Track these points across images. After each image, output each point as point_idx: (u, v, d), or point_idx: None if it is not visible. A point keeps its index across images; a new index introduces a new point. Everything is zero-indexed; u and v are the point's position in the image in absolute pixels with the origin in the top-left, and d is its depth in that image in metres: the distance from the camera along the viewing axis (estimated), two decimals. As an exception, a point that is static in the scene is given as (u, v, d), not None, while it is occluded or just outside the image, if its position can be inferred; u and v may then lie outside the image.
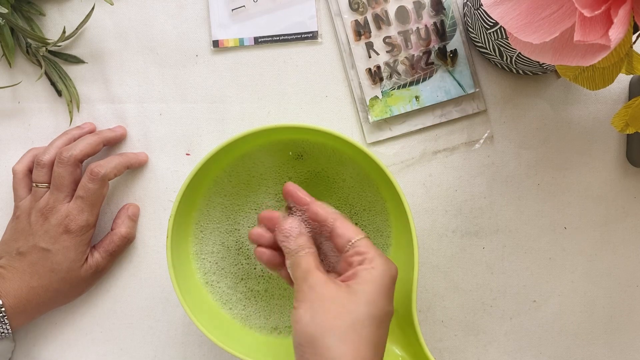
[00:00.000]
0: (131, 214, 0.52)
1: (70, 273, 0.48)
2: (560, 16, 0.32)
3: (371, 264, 0.37)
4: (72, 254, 0.48)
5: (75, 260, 0.48)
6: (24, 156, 0.51)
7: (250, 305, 0.48)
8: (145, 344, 0.53)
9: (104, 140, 0.50)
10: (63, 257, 0.47)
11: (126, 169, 0.51)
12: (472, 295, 0.53)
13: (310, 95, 0.53)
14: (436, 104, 0.52)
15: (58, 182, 0.48)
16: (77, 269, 0.48)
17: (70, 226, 0.47)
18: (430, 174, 0.53)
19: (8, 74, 0.53)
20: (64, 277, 0.48)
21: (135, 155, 0.52)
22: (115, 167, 0.49)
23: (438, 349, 0.53)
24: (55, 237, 0.47)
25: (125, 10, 0.53)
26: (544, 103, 0.52)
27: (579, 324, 0.53)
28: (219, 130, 0.53)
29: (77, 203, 0.48)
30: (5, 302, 0.46)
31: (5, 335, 0.47)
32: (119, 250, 0.51)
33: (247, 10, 0.52)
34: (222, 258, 0.48)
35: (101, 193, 0.49)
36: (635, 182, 0.53)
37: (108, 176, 0.49)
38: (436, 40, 0.52)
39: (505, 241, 0.53)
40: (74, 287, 0.50)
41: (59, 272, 0.48)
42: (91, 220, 0.48)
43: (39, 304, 0.48)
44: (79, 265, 0.48)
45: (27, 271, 0.47)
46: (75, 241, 0.48)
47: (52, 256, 0.47)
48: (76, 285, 0.50)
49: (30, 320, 0.50)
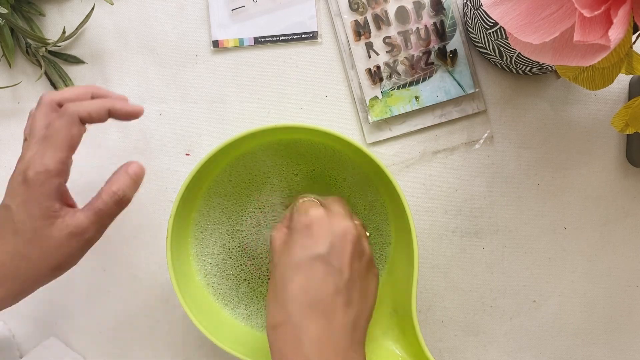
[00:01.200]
0: (131, 172, 0.42)
1: (38, 234, 0.38)
2: (560, 16, 0.32)
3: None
4: (36, 210, 0.38)
5: (42, 217, 0.38)
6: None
7: (253, 305, 0.48)
8: (145, 344, 0.53)
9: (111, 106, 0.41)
10: (25, 214, 0.38)
11: (107, 114, 0.41)
12: (472, 295, 0.53)
13: (310, 95, 0.53)
14: (436, 104, 0.52)
15: (29, 128, 0.41)
16: (47, 228, 0.39)
17: (27, 174, 0.38)
18: (430, 174, 0.53)
19: (8, 74, 0.53)
20: (31, 239, 0.38)
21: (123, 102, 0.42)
22: (92, 105, 0.40)
23: (438, 349, 0.53)
24: (14, 190, 0.39)
25: (125, 10, 0.53)
26: (544, 103, 0.52)
27: (579, 324, 0.53)
28: (219, 130, 0.53)
29: (41, 145, 0.39)
30: None
31: None
32: (107, 210, 0.40)
33: (247, 11, 0.52)
34: (223, 260, 0.48)
35: (69, 133, 0.39)
36: (635, 182, 0.53)
37: (80, 114, 0.39)
38: (436, 41, 0.52)
39: (505, 241, 0.53)
40: (48, 254, 0.39)
41: (23, 232, 0.38)
42: (51, 166, 0.38)
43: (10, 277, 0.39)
44: (49, 224, 0.39)
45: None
46: (35, 193, 0.38)
47: (13, 214, 0.38)
48: (51, 251, 0.39)
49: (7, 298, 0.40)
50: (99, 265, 0.53)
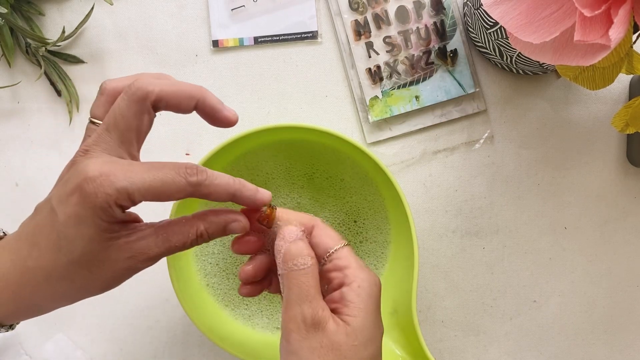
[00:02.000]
0: (229, 229, 0.34)
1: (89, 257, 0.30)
2: (560, 16, 0.32)
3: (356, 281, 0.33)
4: (92, 231, 0.29)
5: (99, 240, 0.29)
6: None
7: (253, 305, 0.48)
8: (145, 344, 0.53)
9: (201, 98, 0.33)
10: (75, 232, 0.29)
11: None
12: (472, 295, 0.53)
13: (310, 95, 0.53)
14: (436, 103, 0.52)
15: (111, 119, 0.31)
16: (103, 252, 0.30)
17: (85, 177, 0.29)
18: (430, 174, 0.53)
19: (7, 74, 0.53)
20: (78, 262, 0.30)
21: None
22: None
23: (438, 349, 0.53)
24: (67, 195, 0.29)
25: (125, 10, 0.53)
26: (544, 103, 0.52)
27: (579, 324, 0.53)
28: (219, 130, 0.53)
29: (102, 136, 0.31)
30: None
31: None
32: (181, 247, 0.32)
33: (247, 10, 0.52)
34: (223, 259, 0.48)
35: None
36: (635, 182, 0.53)
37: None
38: (436, 40, 0.52)
39: (505, 241, 0.53)
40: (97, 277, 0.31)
41: (68, 252, 0.29)
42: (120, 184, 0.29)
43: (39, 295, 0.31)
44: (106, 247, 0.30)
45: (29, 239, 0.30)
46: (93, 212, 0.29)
47: (59, 225, 0.29)
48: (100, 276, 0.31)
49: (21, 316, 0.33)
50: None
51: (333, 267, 0.34)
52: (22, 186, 0.53)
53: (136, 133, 0.31)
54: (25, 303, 0.31)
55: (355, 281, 0.33)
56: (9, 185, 0.53)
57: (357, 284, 0.33)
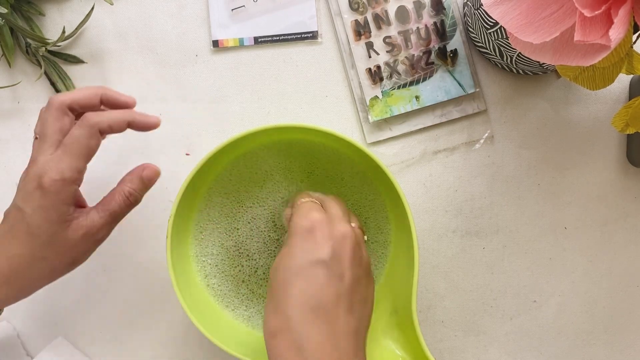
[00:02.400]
0: (144, 176, 0.44)
1: (54, 237, 0.40)
2: (561, 16, 0.32)
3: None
4: (52, 215, 0.39)
5: (59, 221, 0.40)
6: None
7: (253, 306, 0.48)
8: (145, 344, 0.53)
9: (104, 95, 0.43)
10: (41, 219, 0.39)
11: (127, 125, 0.42)
12: (472, 295, 0.53)
13: (310, 95, 0.53)
14: (436, 104, 0.52)
15: (40, 129, 0.41)
16: (63, 232, 0.40)
17: (43, 180, 0.39)
18: (430, 174, 0.53)
19: (8, 74, 0.53)
20: (47, 241, 0.40)
21: (144, 115, 0.44)
22: (112, 118, 0.41)
23: (438, 349, 0.53)
24: (28, 194, 0.39)
25: (125, 10, 0.53)
26: (544, 103, 0.52)
27: (579, 324, 0.53)
28: (219, 130, 0.53)
29: (57, 153, 0.40)
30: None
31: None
32: (120, 211, 0.43)
33: (247, 10, 0.52)
34: (222, 260, 0.48)
35: (88, 144, 0.40)
36: (635, 182, 0.53)
37: (100, 124, 0.40)
38: (436, 40, 0.52)
39: (505, 241, 0.53)
40: (63, 253, 0.41)
41: (39, 235, 0.39)
42: (68, 175, 0.39)
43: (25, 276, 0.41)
44: (65, 227, 0.40)
45: (6, 236, 0.40)
46: (51, 199, 0.39)
47: (28, 217, 0.39)
48: (65, 252, 0.41)
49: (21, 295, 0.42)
50: (99, 265, 0.53)
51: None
52: (22, 186, 0.53)
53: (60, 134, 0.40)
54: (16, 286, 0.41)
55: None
56: (9, 185, 0.53)
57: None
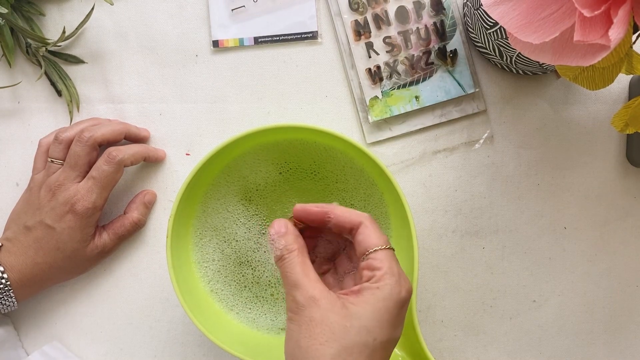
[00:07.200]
0: (147, 201, 0.52)
1: (75, 252, 0.48)
2: (560, 16, 0.32)
3: (378, 283, 0.33)
4: (78, 235, 0.48)
5: (82, 240, 0.48)
6: (53, 132, 0.51)
7: (256, 309, 0.48)
8: (145, 344, 0.53)
9: (127, 132, 0.51)
10: (68, 237, 0.47)
11: (143, 159, 0.51)
12: (472, 295, 0.53)
13: (310, 95, 0.53)
14: (436, 104, 0.52)
15: (73, 160, 0.48)
16: (83, 249, 0.49)
17: (76, 206, 0.47)
18: (430, 174, 0.53)
19: (8, 74, 0.53)
20: (69, 255, 0.48)
21: (155, 150, 0.52)
22: (133, 154, 0.49)
23: (438, 349, 0.53)
24: (60, 216, 0.47)
25: (125, 10, 0.53)
26: (544, 103, 0.52)
27: (579, 324, 0.53)
28: (219, 130, 0.53)
29: (88, 184, 0.47)
30: (11, 277, 0.47)
31: (11, 307, 0.48)
32: (128, 234, 0.51)
33: (247, 11, 0.52)
34: (223, 266, 0.48)
35: (114, 177, 0.48)
36: (635, 182, 0.53)
37: (124, 161, 0.48)
38: (436, 40, 0.52)
39: (505, 241, 0.53)
40: (79, 265, 0.50)
41: (64, 250, 0.48)
42: (98, 203, 0.48)
43: (43, 279, 0.49)
44: (85, 246, 0.49)
45: (32, 247, 0.48)
46: (80, 223, 0.47)
47: (57, 235, 0.47)
48: (81, 264, 0.50)
49: (35, 293, 0.50)
50: (99, 265, 0.53)
51: (367, 265, 0.35)
52: (23, 186, 0.53)
53: (88, 165, 0.49)
54: (36, 287, 0.49)
55: (378, 283, 0.34)
56: (9, 185, 0.53)
57: (377, 285, 0.34)
